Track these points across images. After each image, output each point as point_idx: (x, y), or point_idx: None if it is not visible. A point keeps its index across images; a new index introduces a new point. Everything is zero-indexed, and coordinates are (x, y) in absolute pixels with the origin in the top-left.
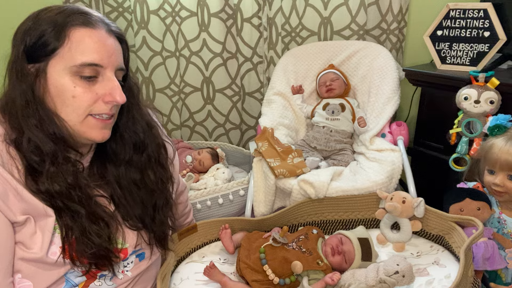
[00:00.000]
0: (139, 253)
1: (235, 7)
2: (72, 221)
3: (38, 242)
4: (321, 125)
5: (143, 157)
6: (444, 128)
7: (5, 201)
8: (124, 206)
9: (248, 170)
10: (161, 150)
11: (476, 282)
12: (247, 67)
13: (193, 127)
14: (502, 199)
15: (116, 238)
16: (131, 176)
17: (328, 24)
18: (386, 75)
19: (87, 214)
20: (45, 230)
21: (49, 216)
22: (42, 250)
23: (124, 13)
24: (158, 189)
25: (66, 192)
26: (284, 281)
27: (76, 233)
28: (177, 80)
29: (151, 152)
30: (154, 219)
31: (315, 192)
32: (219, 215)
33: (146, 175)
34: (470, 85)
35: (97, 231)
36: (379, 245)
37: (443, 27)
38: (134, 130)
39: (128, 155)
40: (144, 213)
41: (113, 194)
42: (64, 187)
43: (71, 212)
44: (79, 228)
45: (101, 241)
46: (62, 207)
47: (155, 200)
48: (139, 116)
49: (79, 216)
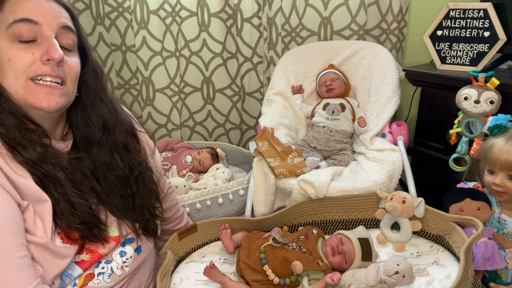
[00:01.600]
0: (137, 247)
1: (235, 7)
2: (57, 192)
3: (40, 228)
4: (321, 125)
5: (109, 139)
6: (444, 128)
7: (7, 188)
8: (104, 196)
9: (248, 170)
10: (128, 136)
11: (476, 282)
12: (247, 67)
13: (193, 127)
14: (502, 199)
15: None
16: (101, 158)
17: (328, 24)
18: (386, 75)
19: (66, 179)
20: (44, 216)
21: (45, 201)
22: (46, 234)
23: (124, 13)
24: (128, 175)
25: (41, 158)
26: (284, 281)
27: (63, 204)
28: (177, 80)
29: (117, 136)
30: (134, 208)
31: (315, 192)
32: (219, 215)
33: (114, 160)
34: (470, 85)
35: (80, 195)
36: (379, 245)
37: (443, 27)
38: (101, 111)
39: (98, 136)
40: (124, 202)
41: (92, 186)
42: (36, 153)
43: (54, 179)
44: (64, 196)
45: (85, 209)
46: (44, 175)
47: (130, 187)
48: (105, 98)
49: (60, 183)
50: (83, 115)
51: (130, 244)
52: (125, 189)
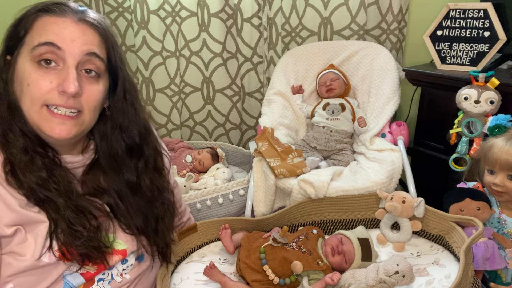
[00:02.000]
0: (139, 255)
1: (235, 7)
2: (55, 214)
3: (30, 249)
4: (321, 125)
5: (140, 163)
6: (444, 128)
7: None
8: (123, 216)
9: (248, 170)
10: (158, 156)
11: (476, 282)
12: (247, 67)
13: (193, 127)
14: (502, 199)
15: (110, 235)
16: (126, 182)
17: (328, 24)
18: (386, 75)
19: (67, 205)
20: (38, 236)
21: (43, 222)
22: (33, 256)
23: (124, 13)
24: (156, 197)
25: (41, 184)
26: (284, 281)
27: (62, 225)
28: (177, 80)
29: (147, 157)
30: (157, 231)
31: (315, 192)
32: (219, 215)
33: (142, 181)
34: (470, 85)
35: (81, 222)
36: (379, 245)
37: (443, 27)
38: (130, 132)
39: (123, 158)
40: (146, 224)
41: (110, 202)
42: (39, 179)
43: (52, 204)
44: (63, 219)
45: (88, 232)
46: (43, 200)
47: (155, 210)
48: (136, 119)
49: (59, 207)
50: (111, 134)
51: (133, 252)
52: (150, 210)
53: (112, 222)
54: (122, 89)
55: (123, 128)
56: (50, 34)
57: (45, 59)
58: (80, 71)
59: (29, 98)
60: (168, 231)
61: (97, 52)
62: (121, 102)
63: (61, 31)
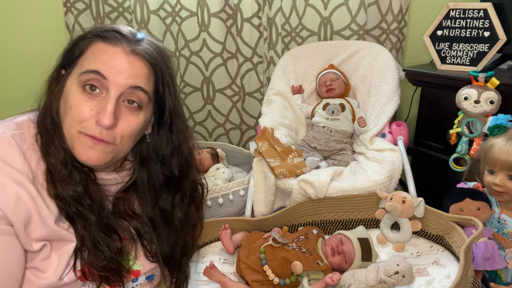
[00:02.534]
0: (149, 275)
1: (235, 7)
2: (84, 230)
3: (52, 267)
4: (321, 125)
5: (177, 196)
6: (444, 128)
7: (26, 227)
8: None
9: (248, 170)
10: (196, 190)
11: (476, 282)
12: (247, 67)
13: (193, 127)
14: (502, 199)
15: (131, 257)
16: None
17: (328, 24)
18: (386, 75)
19: (98, 222)
20: (63, 255)
21: (71, 242)
22: (55, 275)
23: (124, 13)
24: (186, 232)
25: (76, 198)
26: (284, 281)
27: (88, 242)
28: (177, 80)
29: (185, 191)
30: (180, 264)
31: (315, 192)
32: (219, 215)
33: (176, 214)
34: (470, 85)
35: (107, 242)
36: (379, 245)
37: (443, 27)
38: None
39: (160, 188)
40: (172, 255)
41: (138, 227)
42: (74, 193)
43: (83, 220)
44: (90, 237)
45: (111, 253)
46: (75, 214)
47: (184, 243)
48: (178, 150)
49: (89, 224)
50: (150, 163)
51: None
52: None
53: (135, 246)
54: (168, 119)
55: (163, 159)
56: (99, 63)
57: (90, 84)
58: (122, 101)
59: (69, 120)
60: (189, 264)
61: (143, 85)
62: (165, 132)
63: (110, 61)
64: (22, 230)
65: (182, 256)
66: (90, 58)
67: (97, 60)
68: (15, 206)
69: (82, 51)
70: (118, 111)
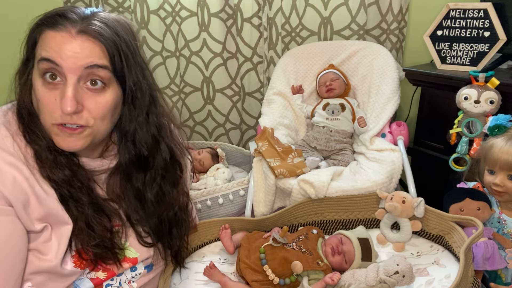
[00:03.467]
0: (148, 264)
1: (235, 7)
2: (77, 211)
3: (53, 249)
4: (321, 125)
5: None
6: (444, 128)
7: (26, 208)
8: (138, 221)
9: (248, 170)
10: (171, 167)
11: (476, 282)
12: (247, 67)
13: (193, 127)
14: (502, 199)
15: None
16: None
17: (328, 24)
18: (386, 75)
19: (89, 202)
20: (62, 237)
21: (67, 224)
22: (56, 257)
23: (124, 13)
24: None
25: (66, 180)
26: (284, 281)
27: (81, 222)
28: (177, 80)
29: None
30: (171, 234)
31: (315, 192)
32: (219, 215)
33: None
34: (470, 85)
35: (99, 221)
36: (379, 245)
37: (443, 27)
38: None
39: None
40: (160, 228)
41: (127, 211)
42: (64, 176)
43: (75, 201)
44: (83, 217)
45: (103, 231)
46: (67, 195)
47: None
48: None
49: (81, 205)
50: (119, 143)
51: (143, 261)
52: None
53: (126, 229)
54: (129, 95)
55: (128, 137)
56: (50, 51)
57: (50, 73)
58: (84, 84)
59: (42, 114)
60: (182, 235)
61: (99, 63)
62: (128, 109)
63: (59, 47)
64: (22, 210)
65: (171, 228)
66: (41, 47)
67: (47, 48)
68: (13, 188)
69: (35, 41)
70: (81, 94)
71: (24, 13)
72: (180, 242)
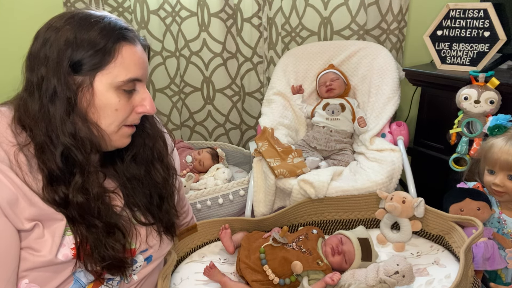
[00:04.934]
0: (147, 256)
1: (235, 7)
2: (88, 232)
3: (47, 245)
4: (321, 125)
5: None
6: (444, 128)
7: (14, 208)
8: (131, 197)
9: (248, 170)
10: (162, 146)
11: (476, 282)
12: (247, 67)
13: (193, 127)
14: (502, 199)
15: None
16: (135, 169)
17: (328, 24)
18: (386, 75)
19: (104, 226)
20: (55, 233)
21: (60, 220)
22: (51, 253)
23: (124, 13)
24: (161, 182)
25: (86, 204)
26: (284, 281)
27: (91, 243)
28: (177, 80)
29: (156, 148)
30: (161, 207)
31: (315, 192)
32: (219, 215)
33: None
34: (470, 85)
35: (112, 244)
36: (379, 245)
37: (443, 27)
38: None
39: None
40: (150, 201)
41: (121, 186)
42: (87, 198)
43: (87, 224)
44: (94, 239)
45: (115, 253)
46: (77, 218)
47: (160, 191)
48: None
49: (95, 228)
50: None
51: (142, 253)
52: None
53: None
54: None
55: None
56: (136, 70)
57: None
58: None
59: (113, 121)
60: (172, 209)
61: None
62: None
63: (142, 65)
64: (9, 209)
65: (162, 201)
66: (124, 65)
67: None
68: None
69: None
70: None
71: (24, 13)
72: (170, 214)
